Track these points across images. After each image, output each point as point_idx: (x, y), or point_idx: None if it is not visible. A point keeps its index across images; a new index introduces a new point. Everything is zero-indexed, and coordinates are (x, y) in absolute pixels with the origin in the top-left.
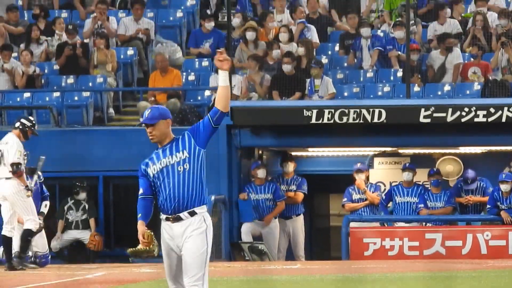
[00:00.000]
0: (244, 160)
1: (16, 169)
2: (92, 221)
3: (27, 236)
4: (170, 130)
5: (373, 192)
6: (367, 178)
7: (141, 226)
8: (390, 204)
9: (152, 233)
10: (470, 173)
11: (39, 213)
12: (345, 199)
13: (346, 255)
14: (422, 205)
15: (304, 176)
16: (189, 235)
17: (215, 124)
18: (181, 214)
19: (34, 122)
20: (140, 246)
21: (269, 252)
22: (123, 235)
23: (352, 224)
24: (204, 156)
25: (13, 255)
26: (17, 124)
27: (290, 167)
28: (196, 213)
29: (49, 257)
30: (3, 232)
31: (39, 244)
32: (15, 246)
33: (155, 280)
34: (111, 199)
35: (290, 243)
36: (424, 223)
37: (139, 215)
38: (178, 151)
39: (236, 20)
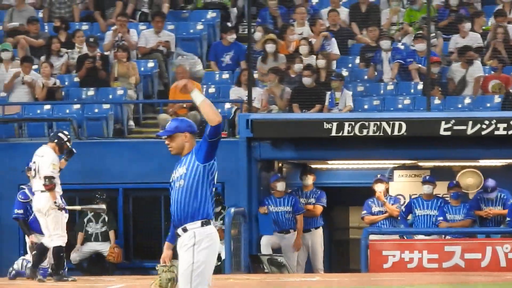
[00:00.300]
0: (264, 173)
1: (48, 182)
2: (111, 234)
3: (59, 252)
4: (191, 143)
5: (392, 205)
6: (387, 190)
7: (165, 249)
8: (409, 217)
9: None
10: (491, 182)
11: None
12: (364, 212)
13: (365, 267)
14: (441, 218)
15: (324, 188)
16: (180, 251)
17: (209, 138)
18: (178, 231)
19: (69, 136)
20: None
21: (288, 264)
22: (143, 247)
23: (371, 237)
24: (203, 170)
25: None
26: (54, 138)
27: (309, 180)
28: (187, 230)
29: (47, 271)
30: (45, 244)
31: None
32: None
33: None
34: (130, 212)
35: (309, 255)
36: (443, 236)
37: (169, 234)
38: (181, 166)
39: (257, 33)
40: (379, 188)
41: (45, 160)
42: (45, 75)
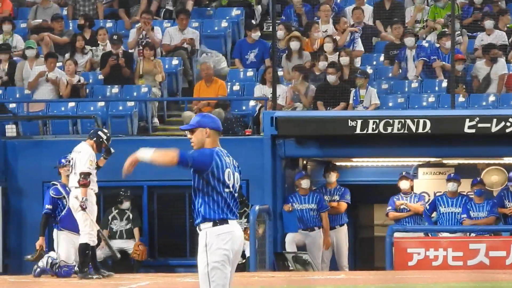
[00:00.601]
0: (289, 170)
1: (83, 179)
2: (136, 231)
3: (84, 250)
4: (212, 140)
5: (417, 202)
6: (412, 188)
7: None
8: (434, 214)
9: None
10: None
11: None
12: (389, 208)
13: (390, 265)
14: (465, 216)
15: (348, 186)
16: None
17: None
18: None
19: (109, 135)
20: None
21: (313, 262)
22: (167, 245)
23: (396, 234)
24: (206, 175)
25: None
26: (93, 135)
27: (333, 177)
28: (201, 230)
29: (73, 269)
30: (82, 241)
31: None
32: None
33: None
34: (155, 209)
35: (334, 253)
36: (468, 234)
37: None
38: None
39: (281, 31)
40: (404, 185)
41: (82, 156)
42: (70, 72)
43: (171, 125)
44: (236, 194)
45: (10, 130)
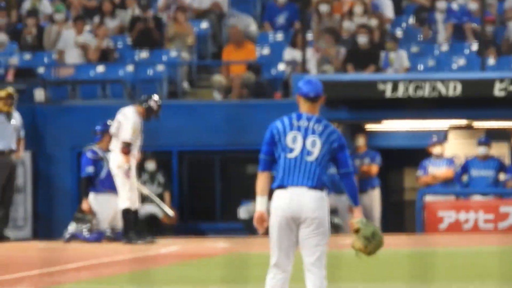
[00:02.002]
0: None
1: (124, 147)
2: (167, 195)
3: (126, 215)
4: (300, 106)
5: (446, 166)
6: (442, 153)
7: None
8: (464, 178)
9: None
10: None
11: None
12: (420, 172)
13: (421, 228)
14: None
15: (379, 150)
16: None
17: None
18: None
19: (160, 104)
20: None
21: (344, 226)
22: (197, 209)
23: (426, 198)
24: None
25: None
26: (143, 102)
27: (361, 140)
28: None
29: (104, 235)
30: (123, 206)
31: (118, 219)
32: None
33: (229, 254)
34: (185, 173)
35: (365, 216)
36: (499, 197)
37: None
38: None
39: None
40: (436, 150)
41: (127, 123)
42: (98, 36)
43: (200, 89)
44: (309, 158)
45: (39, 95)
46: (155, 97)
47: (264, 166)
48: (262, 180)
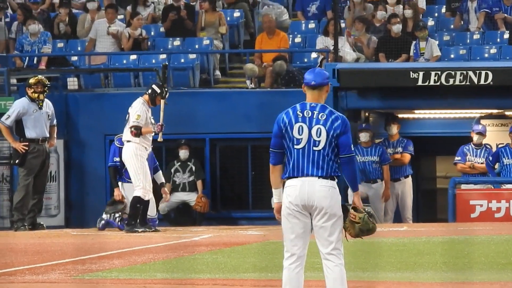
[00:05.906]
0: (351, 122)
1: (132, 130)
2: (199, 183)
3: (136, 203)
4: (307, 95)
5: (483, 156)
6: (482, 143)
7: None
8: (496, 166)
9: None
10: None
11: (161, 184)
12: (458, 158)
13: (453, 217)
14: None
15: (411, 138)
16: None
17: None
18: None
19: (166, 89)
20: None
21: (376, 214)
22: (230, 197)
23: (458, 186)
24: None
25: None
26: (147, 90)
27: (394, 129)
28: None
29: (157, 221)
30: (135, 194)
31: (150, 207)
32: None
33: (262, 242)
34: (217, 161)
35: (398, 205)
36: None
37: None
38: None
39: None
40: (477, 139)
41: (132, 111)
42: (132, 25)
43: (232, 78)
44: (316, 148)
45: (72, 83)
46: (158, 83)
47: (275, 159)
48: (274, 173)
